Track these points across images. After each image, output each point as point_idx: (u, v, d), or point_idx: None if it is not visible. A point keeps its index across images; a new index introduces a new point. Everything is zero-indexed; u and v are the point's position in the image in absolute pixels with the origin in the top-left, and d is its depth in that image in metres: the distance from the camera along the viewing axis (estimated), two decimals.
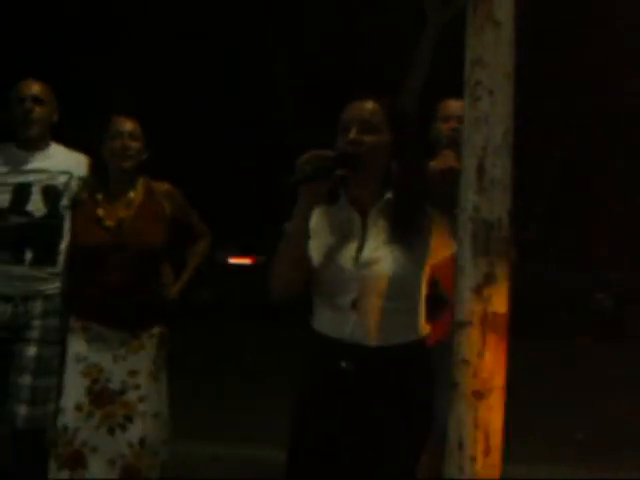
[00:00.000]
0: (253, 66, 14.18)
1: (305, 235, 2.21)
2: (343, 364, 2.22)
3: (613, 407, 6.25)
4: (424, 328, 2.32)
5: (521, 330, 3.19)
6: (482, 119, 1.71)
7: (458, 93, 1.83)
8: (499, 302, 1.71)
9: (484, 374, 1.69)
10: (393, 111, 2.31)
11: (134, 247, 3.14)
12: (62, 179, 3.32)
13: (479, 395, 1.69)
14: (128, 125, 3.22)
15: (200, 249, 3.48)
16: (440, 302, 2.41)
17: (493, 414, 1.70)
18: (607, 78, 13.34)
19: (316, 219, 2.31)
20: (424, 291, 2.31)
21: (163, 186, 3.32)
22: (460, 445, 1.70)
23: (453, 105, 3.11)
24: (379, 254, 2.23)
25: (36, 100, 3.33)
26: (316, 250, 2.27)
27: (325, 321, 2.29)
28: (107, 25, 13.24)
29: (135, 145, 3.21)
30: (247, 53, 13.90)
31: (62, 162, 3.36)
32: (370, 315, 2.22)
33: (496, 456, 1.71)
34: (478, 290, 1.70)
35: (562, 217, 16.41)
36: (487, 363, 1.70)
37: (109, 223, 3.16)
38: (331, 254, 2.25)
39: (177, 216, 3.31)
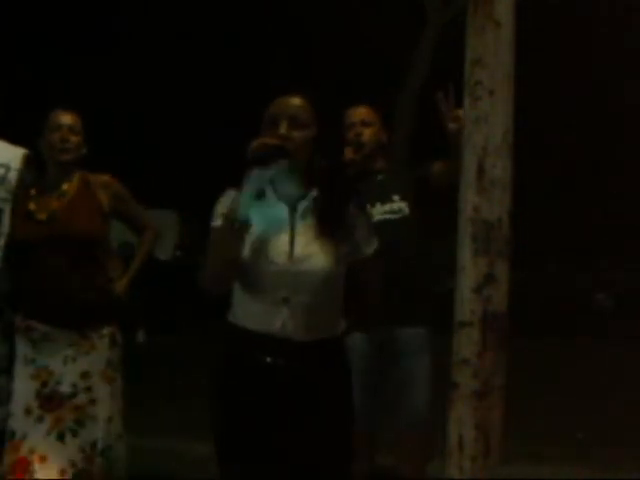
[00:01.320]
0: (253, 67, 14.18)
1: (247, 222, 2.19)
2: (268, 359, 2.22)
3: (613, 407, 6.24)
4: (343, 323, 2.34)
5: (521, 330, 3.19)
6: (482, 119, 1.71)
7: (458, 93, 1.83)
8: (499, 302, 1.71)
9: (484, 374, 1.70)
10: (317, 107, 2.32)
11: (67, 239, 3.03)
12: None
13: (479, 395, 1.69)
14: (68, 118, 3.13)
15: (145, 243, 3.32)
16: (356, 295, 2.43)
17: (493, 414, 1.70)
18: (607, 78, 13.35)
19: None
20: (342, 285, 2.32)
21: (101, 178, 3.21)
22: (460, 445, 1.70)
23: (356, 112, 3.13)
24: (311, 250, 2.23)
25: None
26: (246, 243, 2.25)
27: (251, 315, 2.27)
28: (107, 25, 13.23)
29: (74, 139, 3.12)
30: (247, 53, 13.90)
31: (0, 155, 3.25)
32: (301, 310, 2.22)
33: (496, 456, 1.71)
34: (478, 290, 1.70)
35: (562, 217, 16.40)
36: (487, 363, 1.70)
37: (40, 216, 3.07)
38: (262, 248, 2.24)
39: (117, 208, 3.19)
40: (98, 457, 3.01)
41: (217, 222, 2.24)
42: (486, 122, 1.71)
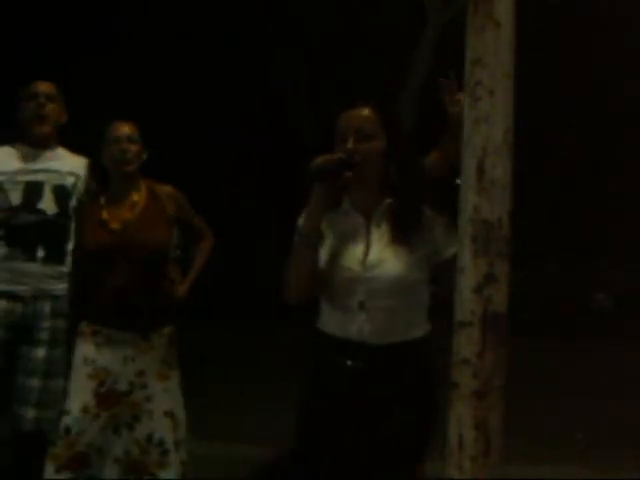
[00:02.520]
0: (252, 67, 14.18)
1: (319, 236, 2.28)
2: (349, 362, 2.29)
3: (613, 407, 6.24)
4: (427, 326, 2.40)
5: (521, 330, 3.19)
6: (482, 119, 1.71)
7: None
8: (499, 302, 1.71)
9: (484, 374, 1.70)
10: (386, 116, 2.36)
11: (140, 249, 3.14)
12: (70, 180, 3.36)
13: (479, 395, 1.69)
14: (126, 129, 3.23)
15: (204, 249, 3.52)
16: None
17: (493, 414, 1.70)
18: (607, 78, 13.35)
19: (322, 224, 2.36)
20: (427, 290, 2.38)
21: (166, 188, 3.34)
22: (460, 445, 1.70)
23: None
24: (384, 256, 2.29)
25: (48, 97, 3.37)
26: (323, 254, 2.34)
27: (332, 322, 2.36)
28: (107, 26, 13.24)
29: (134, 148, 3.21)
30: (246, 53, 13.90)
31: (70, 164, 3.41)
32: (377, 315, 2.28)
33: (496, 456, 1.71)
34: (478, 290, 1.70)
35: (562, 217, 16.40)
36: (487, 363, 1.70)
37: (114, 226, 3.16)
38: (338, 257, 2.32)
39: (180, 217, 3.34)
40: (154, 448, 3.11)
41: (295, 237, 2.33)
42: (486, 122, 1.71)
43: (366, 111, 2.33)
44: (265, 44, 14.00)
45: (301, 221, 2.32)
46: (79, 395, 3.10)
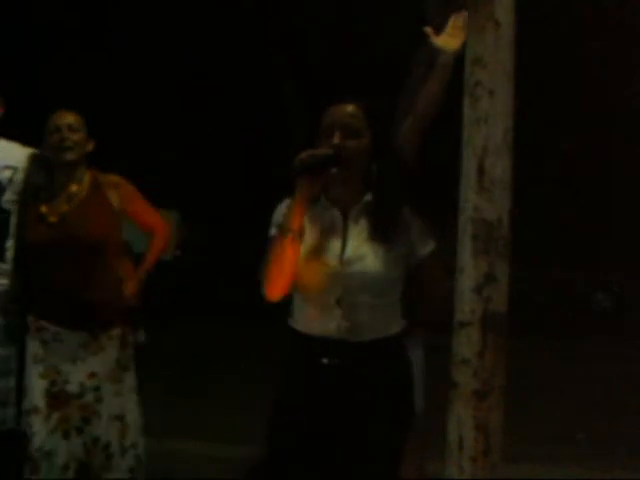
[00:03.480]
0: (252, 67, 14.18)
1: (302, 231, 2.25)
2: (325, 360, 2.27)
3: (613, 407, 6.24)
4: (401, 322, 2.39)
5: (521, 330, 3.19)
6: (482, 119, 1.71)
7: (458, 93, 1.83)
8: (499, 302, 1.71)
9: (484, 374, 1.70)
10: (372, 113, 2.35)
11: (79, 241, 3.07)
12: (6, 174, 3.26)
13: (479, 395, 1.69)
14: (68, 118, 3.14)
15: (155, 243, 3.34)
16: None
17: (493, 414, 1.70)
18: (607, 78, 13.34)
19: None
20: (402, 288, 2.36)
21: (111, 177, 3.23)
22: (460, 445, 1.70)
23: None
24: (362, 252, 2.28)
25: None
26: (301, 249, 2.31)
27: (307, 319, 2.33)
28: (107, 26, 13.24)
29: (75, 137, 3.12)
30: (246, 53, 13.89)
31: (8, 157, 3.30)
32: (354, 311, 2.28)
33: (496, 456, 1.71)
34: (478, 290, 1.70)
35: (562, 217, 16.40)
36: (487, 363, 1.70)
37: (52, 219, 3.10)
38: (315, 252, 2.29)
39: (127, 209, 3.22)
40: (100, 453, 3.06)
41: (273, 231, 2.29)
42: (486, 122, 1.71)
43: (352, 108, 2.32)
44: (265, 44, 14.00)
45: (277, 216, 2.31)
46: (31, 395, 3.06)
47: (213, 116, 14.70)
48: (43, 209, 3.12)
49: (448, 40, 3.04)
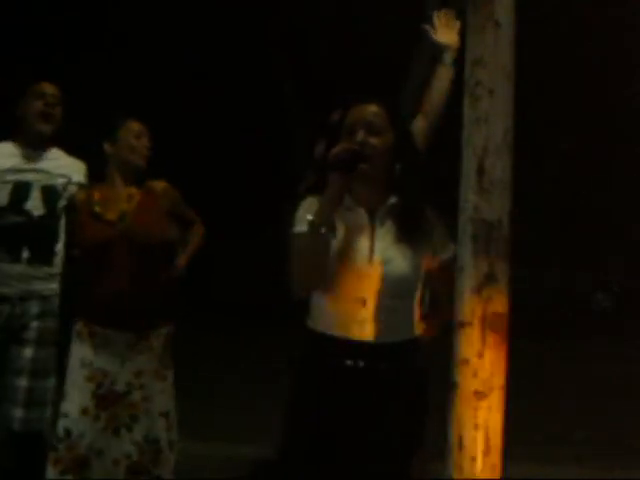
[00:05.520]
0: (252, 67, 14.18)
1: (333, 228, 2.23)
2: (348, 362, 2.26)
3: (613, 407, 6.24)
4: (418, 326, 2.39)
5: (521, 330, 3.19)
6: (482, 119, 1.71)
7: (458, 93, 1.83)
8: (499, 302, 1.71)
9: (484, 374, 1.70)
10: (395, 113, 2.34)
11: (138, 239, 3.11)
12: (61, 181, 3.34)
13: (479, 395, 1.69)
14: (139, 127, 3.32)
15: (196, 232, 3.49)
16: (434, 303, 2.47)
17: (493, 414, 1.70)
18: (607, 78, 13.35)
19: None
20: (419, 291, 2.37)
21: (160, 184, 3.32)
22: (460, 445, 1.70)
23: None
24: (390, 254, 2.28)
25: (54, 98, 3.38)
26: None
27: (330, 318, 2.31)
28: (107, 26, 13.24)
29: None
30: (246, 53, 13.89)
31: (62, 166, 3.39)
32: (379, 313, 2.27)
33: (496, 456, 1.71)
34: (478, 290, 1.70)
35: (562, 217, 16.40)
36: (487, 363, 1.70)
37: (110, 216, 3.13)
38: (342, 252, 2.28)
39: (174, 211, 3.32)
40: (149, 447, 3.11)
41: (302, 228, 2.25)
42: (486, 122, 1.71)
43: (375, 106, 2.32)
44: (264, 44, 14.00)
45: (303, 213, 2.28)
46: (78, 397, 3.08)
47: (213, 116, 14.70)
48: (97, 208, 3.16)
49: (444, 34, 3.07)
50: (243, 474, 4.40)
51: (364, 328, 2.26)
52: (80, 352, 3.12)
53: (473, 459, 1.69)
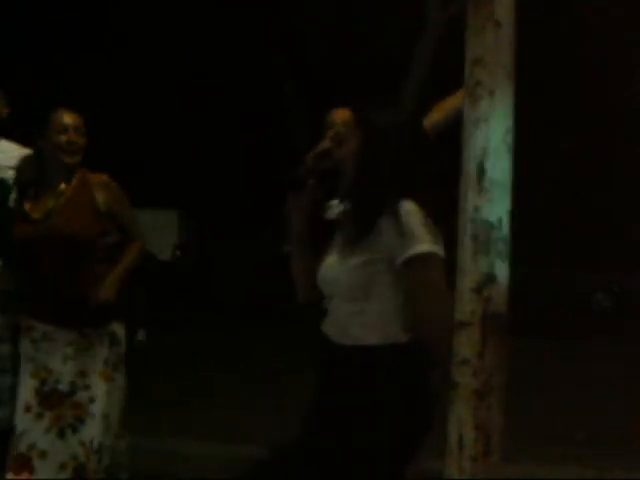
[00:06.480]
0: (252, 67, 14.17)
1: (305, 242, 2.41)
2: (325, 355, 2.38)
3: (613, 407, 6.24)
4: (399, 333, 2.26)
5: (521, 330, 3.19)
6: (482, 119, 1.71)
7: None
8: (499, 302, 1.71)
9: (484, 374, 1.70)
10: (365, 122, 2.33)
11: (62, 237, 3.06)
12: (10, 173, 3.26)
13: (479, 395, 1.69)
14: (73, 119, 3.14)
15: (132, 250, 3.26)
16: None
17: (493, 414, 1.70)
18: (607, 78, 13.35)
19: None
20: (396, 295, 2.26)
21: (99, 177, 3.22)
22: (460, 445, 1.70)
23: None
24: (335, 259, 2.34)
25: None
26: None
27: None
28: (107, 26, 13.24)
29: (81, 141, 3.14)
30: (246, 53, 13.89)
31: (10, 158, 3.31)
32: (332, 316, 2.36)
33: (496, 456, 1.71)
34: (478, 290, 1.70)
35: (562, 217, 16.40)
36: (487, 363, 1.70)
37: (35, 216, 3.10)
38: (318, 260, 2.41)
39: (111, 209, 3.19)
40: (94, 454, 3.05)
41: (288, 247, 2.49)
42: (486, 122, 1.71)
43: (344, 113, 2.35)
44: (264, 44, 14.00)
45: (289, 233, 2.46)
46: (22, 393, 3.07)
47: (213, 116, 14.71)
48: (27, 207, 3.13)
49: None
50: (243, 474, 4.39)
51: (328, 329, 2.37)
52: (23, 347, 3.12)
53: (473, 459, 1.69)
